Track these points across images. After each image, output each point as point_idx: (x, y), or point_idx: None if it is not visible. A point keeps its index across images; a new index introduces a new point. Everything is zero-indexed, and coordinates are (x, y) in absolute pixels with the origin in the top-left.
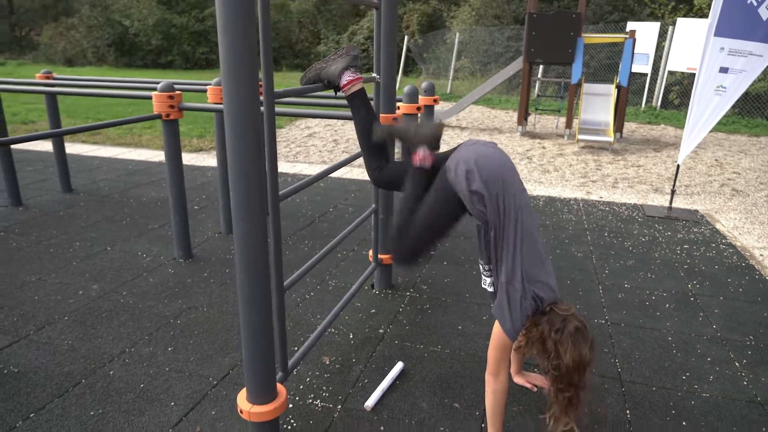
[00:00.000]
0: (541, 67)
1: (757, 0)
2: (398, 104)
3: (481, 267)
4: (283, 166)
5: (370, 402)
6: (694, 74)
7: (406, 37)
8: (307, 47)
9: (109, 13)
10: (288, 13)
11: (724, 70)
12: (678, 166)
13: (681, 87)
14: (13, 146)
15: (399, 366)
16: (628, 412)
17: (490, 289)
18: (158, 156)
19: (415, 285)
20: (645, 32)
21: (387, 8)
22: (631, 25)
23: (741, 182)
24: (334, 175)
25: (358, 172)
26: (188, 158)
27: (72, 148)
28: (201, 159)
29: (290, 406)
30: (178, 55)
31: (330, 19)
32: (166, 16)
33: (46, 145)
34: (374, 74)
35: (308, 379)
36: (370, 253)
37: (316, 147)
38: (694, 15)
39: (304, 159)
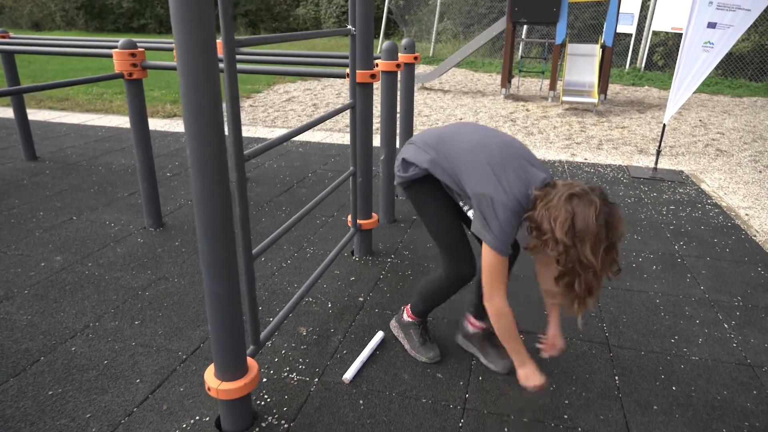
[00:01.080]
0: (524, 27)
1: None
2: (376, 61)
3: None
4: (260, 131)
5: (348, 374)
6: (678, 34)
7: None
8: (286, 10)
9: None
10: None
11: (712, 25)
12: (664, 125)
13: (665, 48)
14: None
15: (379, 335)
16: (616, 378)
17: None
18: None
19: (396, 251)
20: None
21: None
22: None
23: (725, 142)
24: (313, 139)
25: (338, 136)
26: (162, 124)
27: (38, 114)
28: (175, 125)
29: (264, 380)
30: (151, 18)
31: None
32: None
33: (8, 112)
34: (349, 26)
35: (283, 352)
36: (349, 218)
37: (294, 111)
38: None
39: (283, 124)
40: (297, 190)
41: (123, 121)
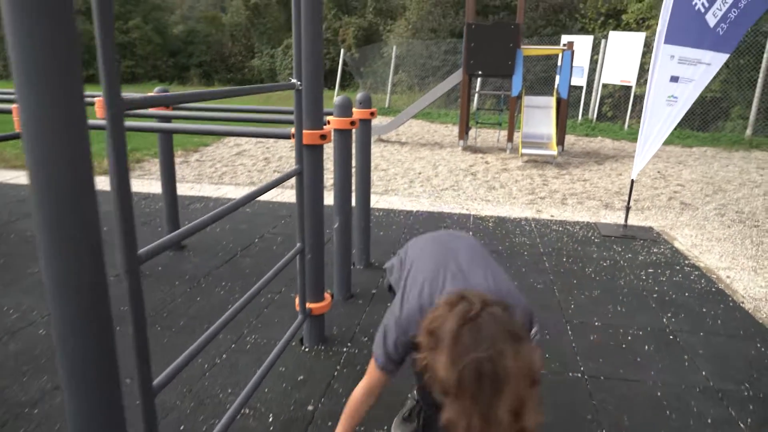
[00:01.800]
0: (479, 80)
1: (704, 6)
2: (328, 118)
3: None
4: (206, 189)
5: None
6: (626, 87)
7: (342, 50)
8: (241, 61)
9: None
10: (220, 26)
11: (674, 79)
12: (632, 181)
13: (613, 99)
14: None
15: None
16: None
17: None
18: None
19: (353, 337)
20: (579, 45)
21: (307, 12)
22: (566, 39)
23: (687, 195)
24: (263, 197)
25: (290, 194)
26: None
27: None
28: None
29: None
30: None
31: (264, 32)
32: (86, 27)
33: None
34: (293, 79)
35: None
36: (297, 301)
37: (244, 166)
38: (622, 29)
39: (231, 180)
40: (240, 260)
41: None
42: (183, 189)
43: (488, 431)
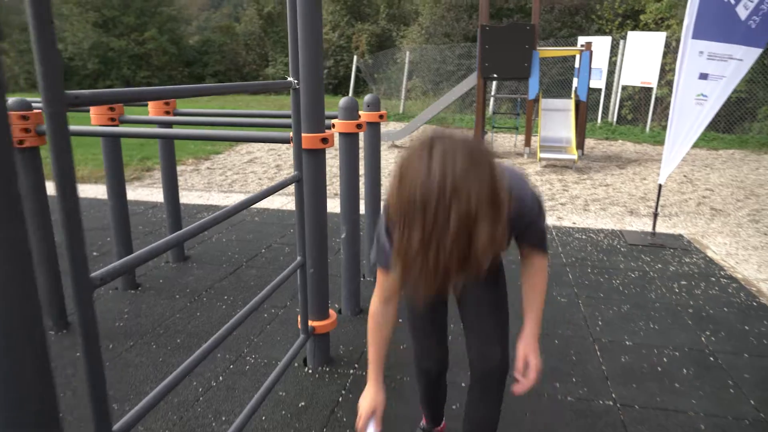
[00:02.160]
0: (494, 83)
1: None
2: (333, 122)
3: None
4: (215, 198)
5: None
6: (647, 88)
7: (355, 57)
8: (255, 70)
9: None
10: (234, 36)
11: (703, 76)
12: (660, 186)
13: (633, 101)
14: None
15: None
16: None
17: None
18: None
19: (362, 356)
20: (597, 47)
21: (305, 15)
22: (583, 40)
23: (717, 200)
24: (272, 206)
25: None
26: (98, 191)
27: None
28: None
29: None
30: (117, 79)
31: (277, 40)
32: (102, 40)
33: None
34: (290, 77)
35: None
36: (300, 319)
37: (255, 174)
38: (640, 30)
39: (240, 188)
40: (245, 271)
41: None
42: (192, 197)
43: (436, 257)
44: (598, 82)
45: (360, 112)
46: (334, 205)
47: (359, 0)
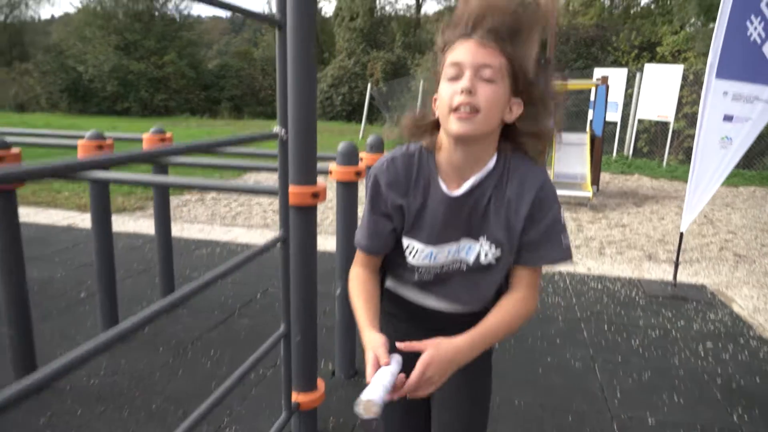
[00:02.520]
0: None
1: (761, 37)
2: (330, 167)
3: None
4: (216, 232)
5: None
6: (663, 122)
7: (369, 84)
8: (271, 95)
9: (63, 59)
10: (252, 61)
11: (728, 118)
12: (681, 234)
13: (649, 135)
14: None
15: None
16: None
17: None
18: (70, 218)
19: (353, 430)
20: (613, 79)
21: (297, 27)
22: (599, 72)
23: (740, 244)
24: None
25: None
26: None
27: None
28: (122, 222)
29: None
30: (135, 101)
31: None
32: (123, 62)
33: None
34: (276, 127)
35: None
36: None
37: (260, 206)
38: (657, 63)
39: (244, 222)
40: (237, 320)
41: (62, 217)
42: (192, 231)
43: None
44: (614, 114)
45: (362, 154)
46: (330, 245)
47: (375, 28)
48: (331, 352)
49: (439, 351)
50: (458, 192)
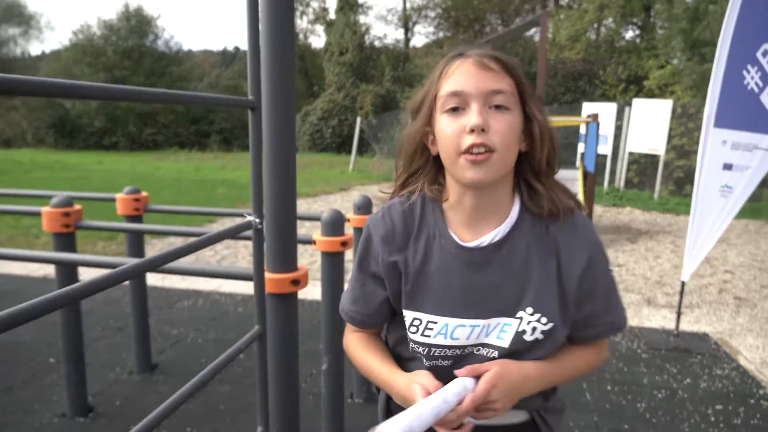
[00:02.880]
0: None
1: (758, 86)
2: (313, 237)
3: None
4: (199, 281)
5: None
6: (653, 155)
7: (359, 118)
8: None
9: None
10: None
11: (728, 166)
12: (683, 284)
13: (639, 165)
14: None
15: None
16: None
17: None
18: (46, 267)
19: None
20: (603, 113)
21: (273, 108)
22: (588, 107)
23: (740, 285)
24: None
25: None
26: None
27: None
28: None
29: None
30: (123, 136)
31: None
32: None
33: None
34: (247, 214)
35: None
36: None
37: (247, 249)
38: (644, 96)
39: (230, 263)
40: (217, 387)
41: (38, 267)
42: (174, 280)
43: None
44: (604, 147)
45: (349, 216)
46: (314, 293)
47: (365, 62)
48: (318, 425)
49: (506, 371)
50: (477, 242)
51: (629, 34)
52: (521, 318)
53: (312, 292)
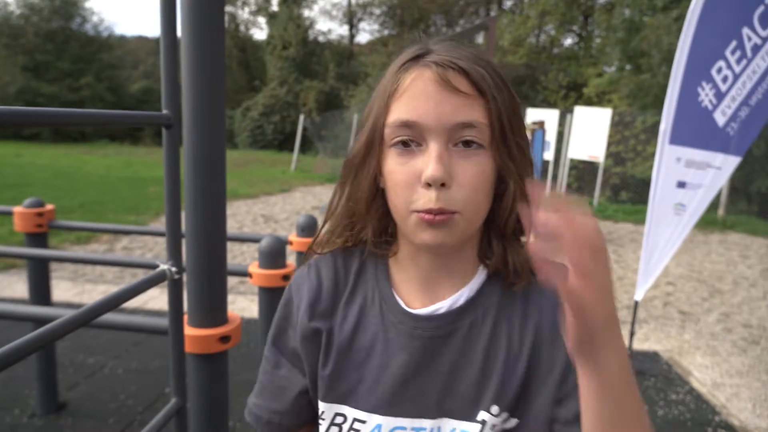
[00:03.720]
0: None
1: (712, 103)
2: (249, 269)
3: None
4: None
5: None
6: (591, 162)
7: (302, 116)
8: None
9: None
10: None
11: (681, 184)
12: (636, 303)
13: (578, 171)
14: None
15: None
16: None
17: None
18: None
19: None
20: (546, 120)
21: (195, 127)
22: (532, 112)
23: (682, 298)
24: None
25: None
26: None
27: None
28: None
29: None
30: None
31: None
32: (32, 84)
33: None
34: (165, 265)
35: None
36: None
37: None
38: (583, 103)
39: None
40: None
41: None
42: (95, 294)
43: None
44: (547, 154)
45: (291, 237)
46: (252, 310)
47: (308, 57)
48: None
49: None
50: (431, 309)
51: (568, 41)
52: (483, 422)
53: (249, 308)
